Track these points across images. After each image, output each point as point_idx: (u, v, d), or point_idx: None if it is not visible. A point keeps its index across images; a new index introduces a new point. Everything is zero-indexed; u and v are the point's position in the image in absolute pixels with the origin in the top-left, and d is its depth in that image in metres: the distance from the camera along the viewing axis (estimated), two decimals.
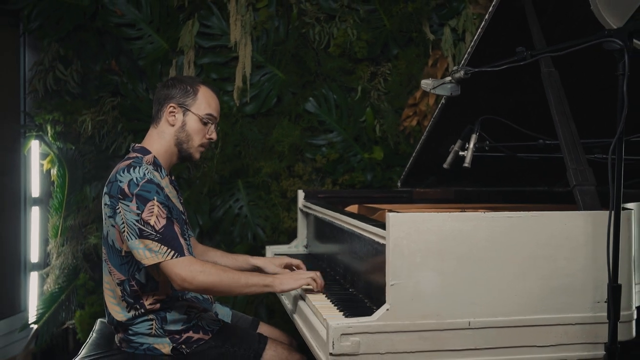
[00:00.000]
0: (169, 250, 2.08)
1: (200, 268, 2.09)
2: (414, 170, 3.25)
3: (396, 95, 3.93)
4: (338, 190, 3.78)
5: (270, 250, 3.29)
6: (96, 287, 4.03)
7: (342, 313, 1.94)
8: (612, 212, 1.66)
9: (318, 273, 2.27)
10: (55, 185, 4.07)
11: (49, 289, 4.04)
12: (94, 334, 2.47)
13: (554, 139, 2.38)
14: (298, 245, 3.28)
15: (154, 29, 4.06)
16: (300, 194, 3.27)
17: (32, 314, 4.09)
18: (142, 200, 2.10)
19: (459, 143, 2.60)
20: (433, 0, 3.89)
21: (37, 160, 4.12)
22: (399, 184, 3.41)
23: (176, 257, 2.08)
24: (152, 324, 2.23)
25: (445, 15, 3.90)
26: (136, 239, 2.08)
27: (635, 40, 2.35)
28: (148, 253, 2.08)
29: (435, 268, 1.73)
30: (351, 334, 1.69)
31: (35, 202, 4.17)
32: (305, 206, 3.19)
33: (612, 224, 1.66)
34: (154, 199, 2.11)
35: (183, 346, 2.23)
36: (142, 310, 2.22)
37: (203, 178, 3.98)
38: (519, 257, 1.78)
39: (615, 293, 1.66)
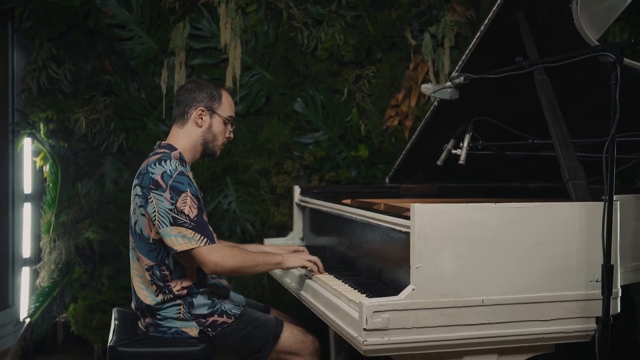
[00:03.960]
0: (202, 237, 2.28)
1: (229, 253, 2.32)
2: (403, 167, 3.49)
3: (379, 97, 4.17)
4: (331, 186, 3.99)
5: (268, 242, 3.47)
6: (90, 281, 4.14)
7: (364, 295, 2.15)
8: (606, 202, 1.92)
9: (317, 258, 2.55)
10: (47, 182, 4.16)
11: (42, 284, 4.12)
12: (117, 322, 2.62)
13: (538, 137, 2.66)
14: (294, 238, 3.48)
15: (145, 30, 4.19)
16: (297, 189, 3.47)
17: (24, 308, 4.17)
18: (176, 192, 2.29)
19: (452, 142, 2.84)
20: (414, 7, 4.13)
21: (29, 157, 4.20)
22: (386, 180, 3.64)
23: (208, 244, 2.28)
24: (180, 309, 2.40)
25: (425, 22, 4.15)
26: (168, 226, 2.27)
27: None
28: (181, 240, 2.27)
29: (453, 252, 1.96)
30: (382, 311, 1.90)
31: (28, 198, 4.24)
32: (302, 201, 3.39)
33: (606, 212, 1.92)
34: (187, 191, 2.30)
35: (209, 329, 2.41)
36: (171, 296, 2.39)
37: (194, 174, 4.13)
38: (523, 243, 2.02)
39: (608, 272, 1.93)
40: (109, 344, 2.36)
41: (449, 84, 2.55)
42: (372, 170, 4.20)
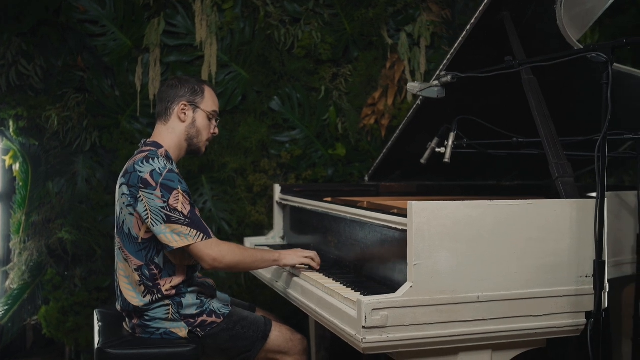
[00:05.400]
0: (199, 233, 2.26)
1: (227, 248, 2.32)
2: (383, 165, 3.50)
3: (356, 95, 4.17)
4: (311, 185, 3.98)
5: (248, 241, 3.45)
6: (62, 282, 4.04)
7: (358, 293, 2.15)
8: (598, 199, 1.96)
9: (315, 253, 2.56)
10: (17, 181, 4.05)
11: (12, 286, 4.01)
12: (100, 324, 2.56)
13: (519, 135, 2.70)
14: (275, 237, 3.46)
15: (118, 26, 4.10)
16: (277, 187, 3.45)
17: None
18: (167, 189, 2.26)
19: (436, 140, 2.86)
20: (391, 7, 4.15)
21: None
22: (366, 178, 3.65)
23: (205, 239, 2.26)
24: (168, 309, 2.37)
25: (401, 21, 4.17)
26: (162, 224, 2.24)
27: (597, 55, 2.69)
28: (177, 237, 2.25)
29: (450, 249, 1.97)
30: (381, 308, 1.90)
31: None
32: (283, 199, 3.37)
33: (598, 209, 1.96)
34: (178, 188, 2.27)
35: (198, 329, 2.38)
36: (159, 296, 2.35)
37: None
38: (517, 239, 2.05)
39: (601, 268, 1.97)
40: (96, 346, 2.30)
41: (436, 82, 2.56)
42: (349, 169, 4.20)
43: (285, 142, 4.18)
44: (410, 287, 1.94)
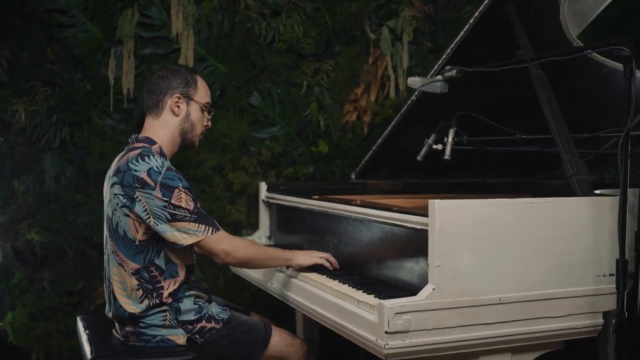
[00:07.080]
0: (207, 227, 2.17)
1: (239, 243, 2.26)
2: (371, 162, 3.41)
3: (338, 91, 4.07)
4: (297, 182, 3.87)
5: None
6: (30, 286, 3.83)
7: (372, 295, 2.05)
8: (622, 196, 1.91)
9: (329, 254, 2.48)
10: None
11: None
12: (87, 331, 2.41)
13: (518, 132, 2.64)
14: (261, 237, 3.33)
15: (88, 16, 3.91)
16: (263, 186, 3.32)
17: None
18: (168, 189, 2.13)
19: (433, 137, 2.78)
20: (373, 1, 4.06)
21: None
22: (352, 176, 3.56)
23: (215, 232, 2.18)
24: (166, 315, 2.24)
25: (383, 16, 4.09)
26: (167, 223, 2.12)
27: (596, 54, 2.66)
28: (184, 234, 2.15)
29: (471, 249, 1.90)
30: (403, 312, 1.81)
31: None
32: (270, 198, 3.25)
33: (620, 206, 1.91)
34: (179, 186, 2.16)
35: (197, 336, 2.25)
36: (157, 301, 2.22)
37: None
38: (536, 238, 1.99)
39: (623, 267, 1.92)
40: (89, 356, 2.15)
41: (439, 77, 2.48)
42: (330, 166, 4.10)
43: (265, 139, 4.05)
44: (433, 289, 1.86)
